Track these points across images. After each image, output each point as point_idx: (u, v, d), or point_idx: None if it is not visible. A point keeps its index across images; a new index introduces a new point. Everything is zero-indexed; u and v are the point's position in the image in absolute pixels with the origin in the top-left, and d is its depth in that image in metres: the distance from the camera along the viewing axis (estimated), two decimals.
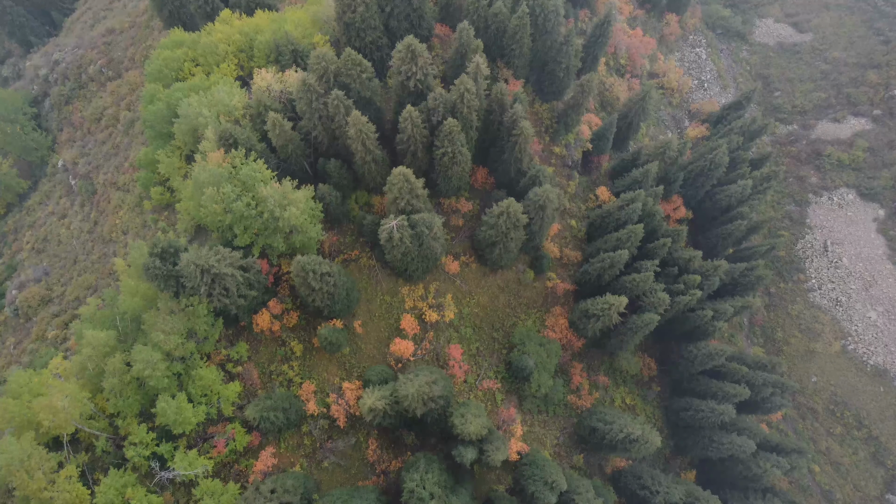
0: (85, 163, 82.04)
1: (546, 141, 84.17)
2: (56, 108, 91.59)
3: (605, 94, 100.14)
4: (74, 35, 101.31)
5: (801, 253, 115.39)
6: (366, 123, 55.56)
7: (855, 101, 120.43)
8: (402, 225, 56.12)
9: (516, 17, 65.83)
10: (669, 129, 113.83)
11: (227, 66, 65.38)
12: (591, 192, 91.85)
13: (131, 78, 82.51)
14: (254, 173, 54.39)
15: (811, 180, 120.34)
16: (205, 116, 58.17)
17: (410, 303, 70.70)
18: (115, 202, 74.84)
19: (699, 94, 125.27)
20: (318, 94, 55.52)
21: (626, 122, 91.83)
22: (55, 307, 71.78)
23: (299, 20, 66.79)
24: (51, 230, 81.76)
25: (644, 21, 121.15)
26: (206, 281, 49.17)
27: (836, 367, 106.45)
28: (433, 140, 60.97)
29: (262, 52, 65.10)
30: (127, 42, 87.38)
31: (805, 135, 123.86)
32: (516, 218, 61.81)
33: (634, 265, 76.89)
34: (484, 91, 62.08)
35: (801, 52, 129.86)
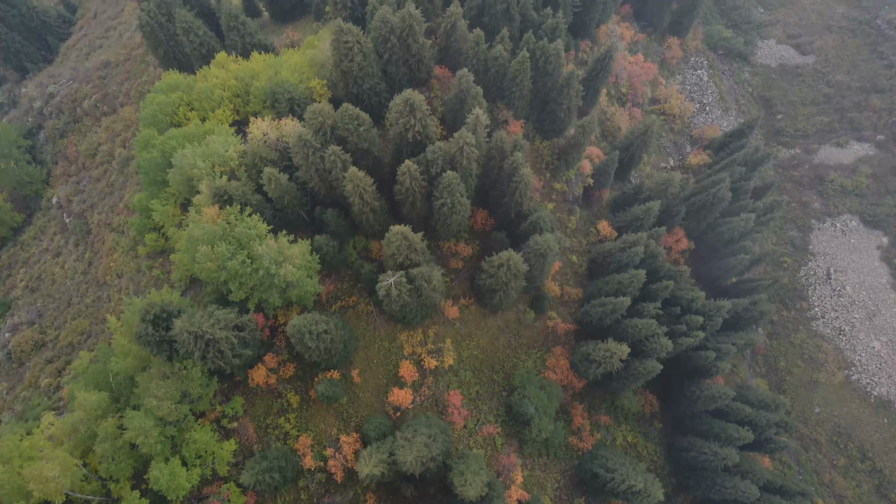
0: (79, 201, 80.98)
1: (547, 177, 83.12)
2: (51, 140, 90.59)
3: (606, 124, 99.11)
4: (70, 64, 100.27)
5: (804, 280, 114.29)
6: (363, 178, 54.54)
7: (858, 126, 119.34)
8: (400, 282, 55.06)
9: (517, 61, 64.76)
10: (671, 155, 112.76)
11: (222, 112, 64.30)
12: (592, 225, 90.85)
13: (126, 114, 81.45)
14: (249, 230, 53.32)
15: (814, 206, 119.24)
16: (199, 168, 57.05)
17: (409, 349, 69.66)
18: (109, 244, 73.76)
19: (701, 118, 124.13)
20: (314, 148, 54.45)
21: (627, 154, 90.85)
22: (48, 352, 70.76)
23: (296, 64, 65.72)
24: (45, 269, 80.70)
25: (645, 45, 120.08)
26: (200, 346, 48.12)
27: (840, 398, 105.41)
28: (432, 190, 59.91)
29: (258, 98, 64.04)
30: (122, 76, 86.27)
31: (808, 159, 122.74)
32: (517, 269, 60.81)
33: (636, 307, 75.92)
34: (484, 139, 60.92)
35: (804, 74, 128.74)
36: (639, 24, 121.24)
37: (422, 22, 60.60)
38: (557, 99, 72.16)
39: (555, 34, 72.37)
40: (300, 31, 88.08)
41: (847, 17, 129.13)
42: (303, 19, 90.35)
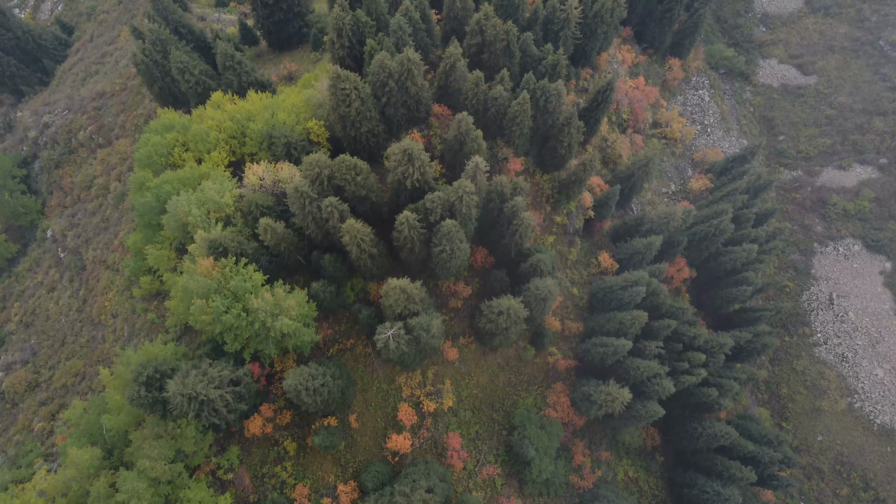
0: (74, 235, 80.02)
1: (547, 210, 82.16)
2: (45, 170, 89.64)
3: (606, 151, 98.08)
4: (65, 90, 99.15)
5: (807, 305, 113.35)
6: (361, 229, 53.61)
7: (861, 149, 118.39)
8: (398, 334, 54.11)
9: (516, 102, 63.87)
10: (672, 180, 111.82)
11: (218, 155, 63.31)
12: (592, 255, 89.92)
13: (121, 147, 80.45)
14: (244, 283, 52.36)
15: (816, 229, 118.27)
16: (194, 216, 56.11)
17: (408, 391, 68.68)
18: (104, 282, 72.84)
19: (702, 140, 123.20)
20: (311, 198, 53.51)
21: (629, 184, 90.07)
22: (42, 394, 69.80)
23: (293, 105, 64.76)
24: (39, 304, 79.75)
25: (646, 67, 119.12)
26: (194, 407, 47.18)
27: (843, 426, 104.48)
28: (431, 236, 58.96)
29: (254, 140, 63.07)
30: (118, 108, 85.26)
31: (810, 181, 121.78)
32: (517, 316, 59.90)
33: (637, 345, 75.07)
34: (484, 183, 59.95)
35: (806, 95, 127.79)
36: (640, 45, 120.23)
37: (420, 65, 59.69)
38: (558, 137, 71.23)
39: (555, 71, 71.42)
40: (298, 61, 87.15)
41: (849, 37, 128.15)
42: (300, 48, 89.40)
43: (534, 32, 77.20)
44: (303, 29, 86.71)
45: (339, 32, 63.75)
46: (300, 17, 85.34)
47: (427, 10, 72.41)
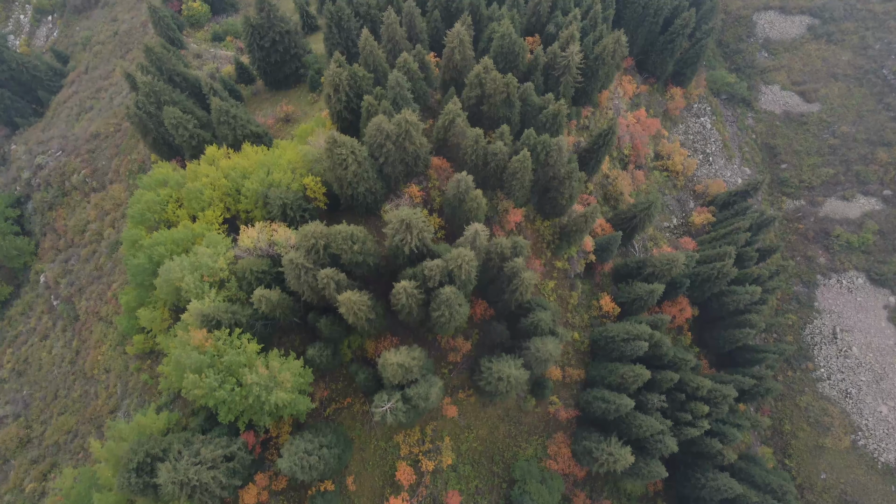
0: (67, 283, 78.76)
1: (548, 256, 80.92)
2: (39, 212, 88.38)
3: (607, 188, 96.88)
4: (59, 126, 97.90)
5: (810, 339, 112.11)
6: (357, 300, 52.36)
7: (864, 180, 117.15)
8: (396, 407, 52.90)
9: (517, 159, 62.68)
10: (674, 213, 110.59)
11: (212, 213, 62.08)
12: (594, 297, 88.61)
13: (115, 192, 79.21)
14: (238, 357, 51.15)
15: (819, 260, 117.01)
16: (187, 283, 54.89)
17: (406, 449, 67.51)
18: (97, 335, 71.62)
19: (704, 169, 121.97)
20: (306, 269, 52.30)
21: (630, 225, 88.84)
22: (34, 451, 68.55)
23: (289, 161, 63.51)
24: (32, 352, 78.54)
25: (647, 97, 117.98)
26: (187, 492, 45.95)
27: (846, 464, 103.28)
28: (430, 300, 57.74)
29: (250, 199, 61.84)
30: (111, 151, 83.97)
31: (813, 211, 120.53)
32: (517, 381, 58.71)
33: (640, 397, 73.86)
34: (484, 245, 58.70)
35: (809, 123, 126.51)
36: (641, 75, 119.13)
37: (419, 125, 58.47)
38: (559, 189, 70.07)
39: (556, 121, 70.21)
40: (295, 102, 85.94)
41: (853, 65, 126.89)
42: (297, 87, 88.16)
43: (534, 78, 76.05)
44: (299, 70, 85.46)
45: (336, 88, 62.53)
46: (297, 59, 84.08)
47: (425, 58, 71.22)
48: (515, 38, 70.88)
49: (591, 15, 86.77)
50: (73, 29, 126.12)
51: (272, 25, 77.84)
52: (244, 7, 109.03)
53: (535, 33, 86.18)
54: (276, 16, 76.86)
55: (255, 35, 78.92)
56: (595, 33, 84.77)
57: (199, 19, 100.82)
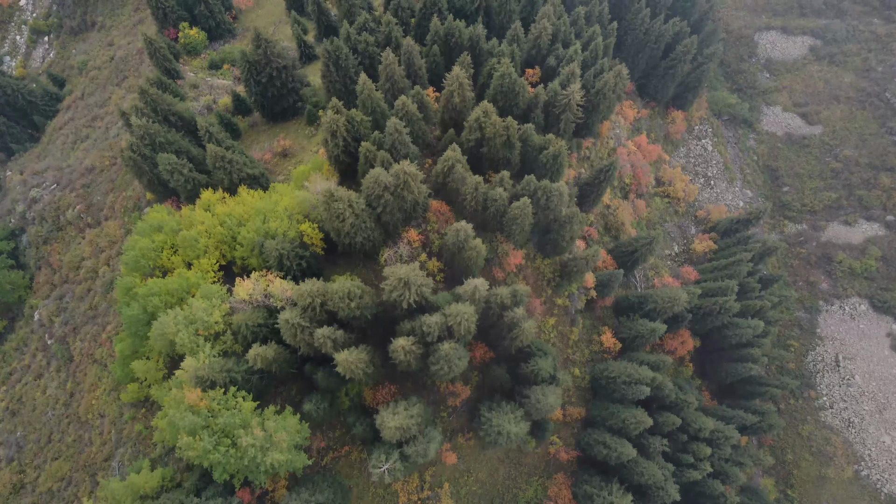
0: (62, 322, 77.85)
1: (548, 293, 79.96)
2: (34, 245, 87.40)
3: (608, 218, 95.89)
4: (55, 155, 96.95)
5: (812, 366, 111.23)
6: (355, 359, 51.44)
7: (867, 205, 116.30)
8: (395, 468, 51.95)
9: (517, 206, 61.78)
10: (676, 241, 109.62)
11: (207, 261, 61.11)
12: (595, 331, 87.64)
13: (110, 229, 78.21)
14: (233, 418, 50.20)
15: (822, 286, 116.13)
16: (182, 338, 53.96)
17: (404, 497, 66.68)
18: (91, 378, 70.70)
19: (706, 194, 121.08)
20: (303, 327, 51.36)
21: (631, 259, 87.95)
22: (27, 498, 67.50)
23: (286, 207, 62.54)
24: (26, 391, 77.60)
25: (648, 121, 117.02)
26: None
27: (849, 495, 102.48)
28: (428, 353, 56.81)
29: (246, 247, 60.88)
30: (107, 186, 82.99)
31: (815, 236, 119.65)
32: (517, 437, 57.79)
33: (641, 441, 72.96)
34: (483, 296, 57.72)
35: (811, 145, 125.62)
36: (642, 99, 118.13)
37: (417, 175, 57.50)
38: (560, 231, 69.16)
39: (557, 162, 69.23)
40: (292, 135, 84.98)
41: (855, 87, 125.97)
42: (295, 120, 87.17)
43: (535, 115, 75.04)
44: (297, 103, 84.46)
45: (334, 133, 61.56)
46: (294, 92, 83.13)
47: (424, 98, 70.23)
48: (515, 78, 69.87)
49: (591, 47, 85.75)
50: (69, 51, 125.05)
51: (269, 61, 76.85)
52: (241, 32, 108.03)
53: (535, 65, 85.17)
54: (273, 52, 75.85)
55: (252, 70, 77.93)
56: (596, 67, 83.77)
57: (196, 47, 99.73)
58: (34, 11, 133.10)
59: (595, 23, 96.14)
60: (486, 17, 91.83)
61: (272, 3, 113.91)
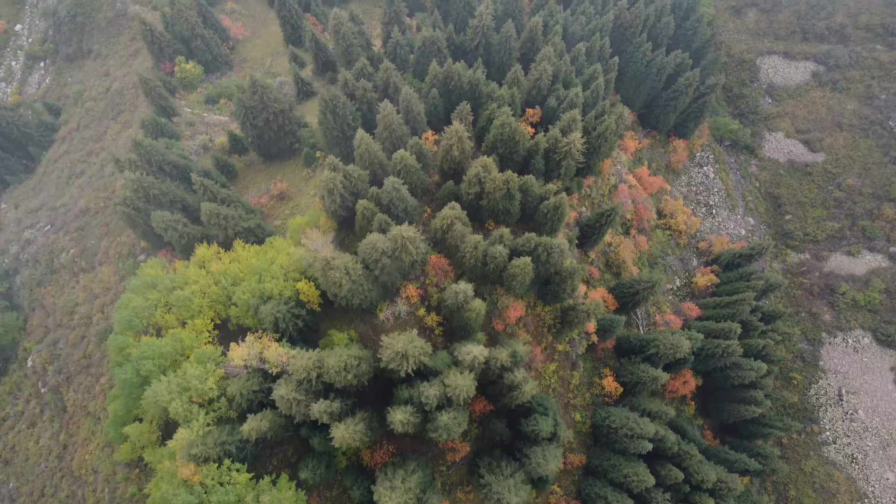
0: (55, 370, 76.72)
1: (549, 340, 78.85)
2: (27, 286, 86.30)
3: (609, 256, 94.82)
4: (49, 191, 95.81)
5: (815, 400, 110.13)
6: (352, 434, 50.41)
7: (870, 236, 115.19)
8: None
9: (516, 264, 60.64)
10: (677, 274, 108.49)
11: (202, 322, 60.03)
12: (596, 374, 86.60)
13: (104, 275, 77.09)
14: (227, 496, 49.11)
15: (824, 317, 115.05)
16: (175, 407, 52.90)
17: None
18: (85, 431, 69.64)
19: (707, 223, 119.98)
20: (299, 401, 50.29)
21: (633, 300, 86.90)
22: None
23: (282, 265, 61.48)
24: (19, 440, 76.51)
25: (650, 151, 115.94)
26: None
27: None
28: (426, 422, 55.77)
29: (241, 307, 59.82)
30: (101, 230, 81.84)
31: (818, 266, 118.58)
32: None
33: (643, 496, 71.89)
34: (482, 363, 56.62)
35: (814, 173, 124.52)
36: (643, 128, 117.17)
37: (416, 238, 56.37)
38: (560, 284, 68.06)
39: (557, 212, 68.17)
40: (289, 176, 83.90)
41: (858, 114, 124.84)
42: (292, 160, 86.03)
43: (535, 162, 74.00)
44: (294, 144, 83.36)
45: (331, 191, 60.45)
46: (292, 134, 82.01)
47: (423, 147, 69.11)
48: (515, 127, 68.86)
49: (593, 87, 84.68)
50: (65, 77, 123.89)
51: (265, 106, 75.75)
52: (238, 63, 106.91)
53: (535, 105, 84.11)
54: (269, 97, 74.75)
55: (249, 115, 76.84)
56: (597, 108, 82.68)
57: (193, 81, 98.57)
58: (30, 36, 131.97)
59: (596, 60, 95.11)
60: (485, 54, 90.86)
61: (269, 32, 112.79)
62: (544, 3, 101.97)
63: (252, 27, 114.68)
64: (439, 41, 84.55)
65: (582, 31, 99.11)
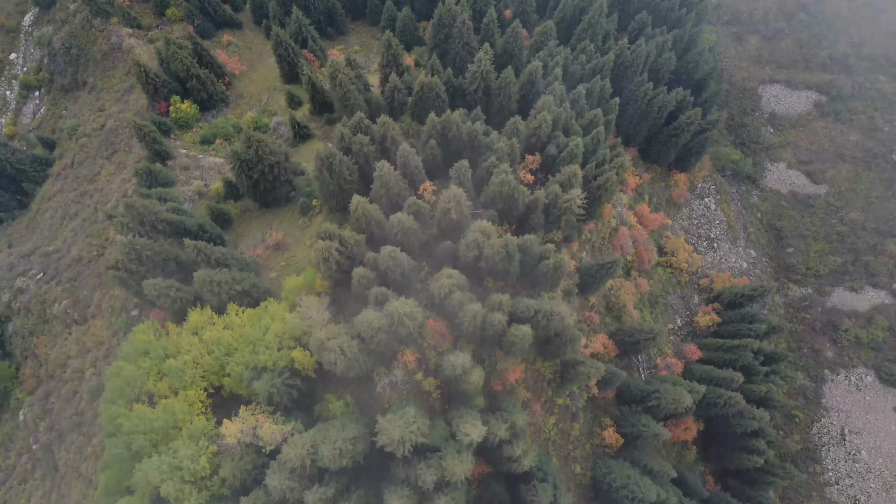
0: (47, 427, 75.61)
1: (549, 394, 77.70)
2: (20, 334, 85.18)
3: (610, 299, 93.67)
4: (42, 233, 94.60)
5: (817, 439, 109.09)
6: None
7: (873, 272, 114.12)
8: None
9: (516, 334, 59.51)
10: (678, 313, 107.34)
11: (194, 393, 58.86)
12: (596, 423, 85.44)
13: (97, 330, 75.98)
14: None
15: (827, 354, 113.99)
16: (166, 489, 51.74)
17: None
18: (76, 495, 68.44)
19: (709, 257, 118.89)
20: (292, 488, 49.11)
21: (634, 347, 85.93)
22: None
23: (277, 333, 60.29)
24: (10, 497, 75.33)
25: (651, 186, 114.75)
26: None
27: None
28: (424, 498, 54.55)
29: (234, 378, 58.68)
30: (94, 281, 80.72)
31: (820, 301, 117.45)
32: None
33: None
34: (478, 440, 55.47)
35: (816, 206, 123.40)
36: (644, 162, 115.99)
37: (413, 312, 55.20)
38: (560, 346, 66.89)
39: (557, 273, 67.06)
40: (285, 225, 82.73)
41: (861, 147, 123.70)
42: (288, 207, 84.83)
43: (535, 217, 72.86)
44: (290, 193, 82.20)
45: (326, 260, 59.29)
46: (287, 183, 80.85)
47: (421, 207, 67.83)
48: (515, 185, 67.75)
49: (593, 134, 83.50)
50: (60, 108, 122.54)
51: (261, 159, 74.57)
52: (235, 99, 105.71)
53: (535, 152, 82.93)
54: (264, 150, 73.57)
55: (244, 167, 75.66)
56: (598, 156, 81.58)
57: (188, 121, 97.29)
58: (24, 65, 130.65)
59: (596, 102, 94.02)
60: (485, 97, 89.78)
61: (266, 66, 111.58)
62: (545, 41, 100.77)
63: (249, 60, 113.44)
64: (437, 87, 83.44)
65: (582, 70, 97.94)
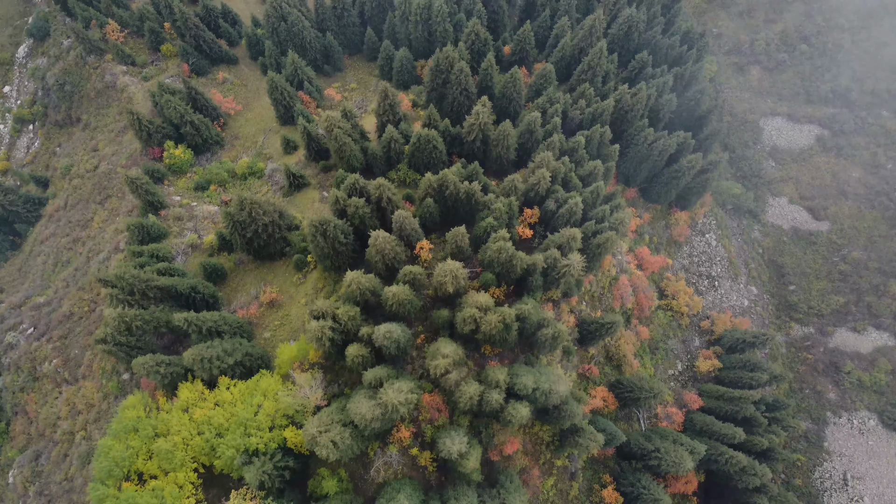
0: (36, 491, 74.24)
1: (547, 456, 76.54)
2: (10, 390, 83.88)
3: (610, 350, 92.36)
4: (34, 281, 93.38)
5: (819, 483, 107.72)
6: None
7: (876, 313, 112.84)
8: None
9: (513, 414, 58.37)
10: (679, 358, 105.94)
11: (184, 475, 57.56)
12: (595, 479, 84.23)
13: (87, 392, 74.67)
14: None
15: (829, 396, 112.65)
16: None
17: None
18: None
19: (710, 297, 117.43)
20: None
21: (635, 403, 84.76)
22: None
23: (269, 413, 59.01)
24: None
25: (650, 226, 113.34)
26: None
27: None
28: None
29: (224, 460, 57.34)
30: (85, 338, 79.39)
31: (822, 341, 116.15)
32: None
33: None
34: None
35: (818, 243, 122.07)
36: (645, 202, 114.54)
37: (411, 399, 53.96)
38: (559, 416, 65.73)
39: (556, 340, 65.74)
40: (280, 280, 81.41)
41: (864, 183, 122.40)
42: (282, 261, 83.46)
43: (533, 280, 71.52)
44: (285, 248, 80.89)
45: (319, 339, 57.98)
46: (282, 240, 79.54)
47: (417, 275, 66.47)
48: (512, 252, 66.37)
49: (593, 188, 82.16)
50: (53, 143, 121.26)
51: (255, 220, 73.25)
52: (230, 141, 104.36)
53: (533, 206, 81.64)
54: (257, 212, 72.25)
55: (238, 227, 74.37)
56: (597, 212, 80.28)
57: (182, 166, 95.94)
58: (18, 98, 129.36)
59: (596, 150, 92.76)
60: (483, 146, 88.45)
61: (262, 105, 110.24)
62: (544, 84, 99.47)
63: (245, 98, 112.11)
64: (435, 139, 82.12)
65: (581, 115, 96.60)
